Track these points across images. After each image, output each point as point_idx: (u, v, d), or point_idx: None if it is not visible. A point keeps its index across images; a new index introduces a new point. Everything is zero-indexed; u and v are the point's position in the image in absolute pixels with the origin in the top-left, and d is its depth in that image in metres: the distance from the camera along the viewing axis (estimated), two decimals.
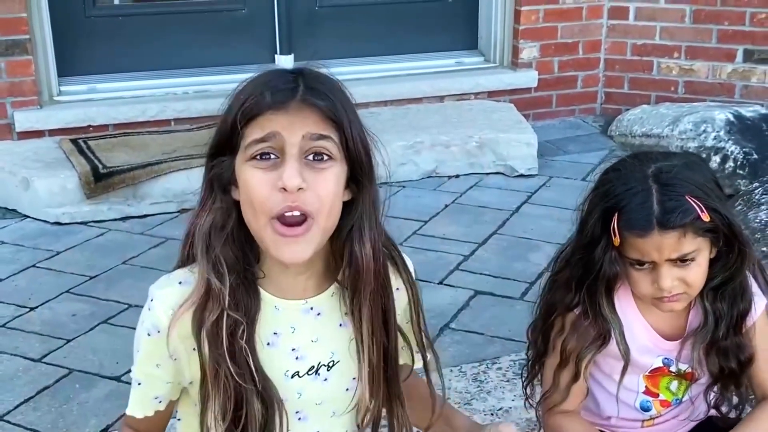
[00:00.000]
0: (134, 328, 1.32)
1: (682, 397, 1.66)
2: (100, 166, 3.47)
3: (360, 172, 1.28)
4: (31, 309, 2.78)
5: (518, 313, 2.69)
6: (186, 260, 1.32)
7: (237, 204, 1.28)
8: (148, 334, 1.28)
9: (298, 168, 1.20)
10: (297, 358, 1.33)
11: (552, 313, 1.61)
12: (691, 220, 1.44)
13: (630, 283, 1.54)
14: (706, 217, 1.45)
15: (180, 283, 1.29)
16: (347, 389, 1.38)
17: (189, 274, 1.29)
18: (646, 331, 1.59)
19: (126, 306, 2.76)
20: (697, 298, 1.58)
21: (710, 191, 1.49)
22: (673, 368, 1.61)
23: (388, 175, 1.41)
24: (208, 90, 4.01)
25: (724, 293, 1.55)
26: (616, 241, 1.48)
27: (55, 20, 3.86)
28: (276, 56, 4.27)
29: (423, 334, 1.44)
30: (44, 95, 3.88)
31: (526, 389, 1.75)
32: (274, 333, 1.32)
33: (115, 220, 3.42)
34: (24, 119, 3.76)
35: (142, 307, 1.29)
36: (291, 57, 4.24)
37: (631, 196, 1.47)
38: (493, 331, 2.62)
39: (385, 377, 1.37)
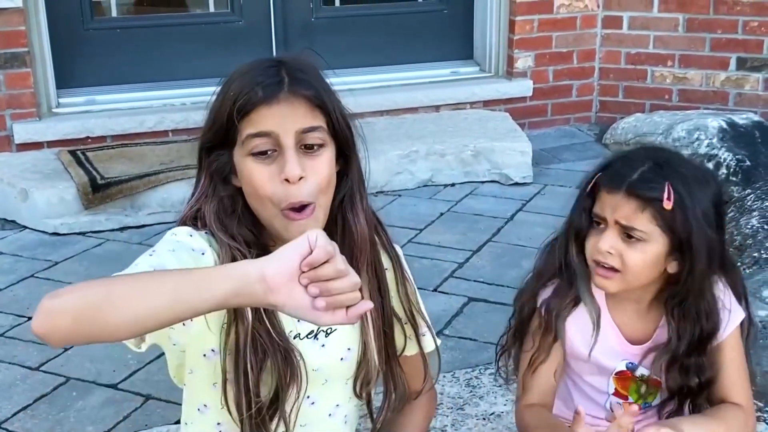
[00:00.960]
0: None
1: (652, 401, 1.67)
2: (98, 177, 3.50)
3: (347, 147, 1.37)
4: (30, 318, 2.79)
5: None
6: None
7: (239, 190, 1.36)
8: (193, 249, 1.31)
9: (297, 159, 1.29)
10: (298, 320, 1.37)
11: (540, 280, 1.65)
12: (654, 197, 1.47)
13: (589, 244, 1.56)
14: (667, 205, 1.46)
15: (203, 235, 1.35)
16: (342, 358, 1.43)
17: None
18: (613, 332, 1.62)
19: None
20: (665, 313, 1.59)
21: (699, 204, 1.48)
22: (636, 373, 1.64)
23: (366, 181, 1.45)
24: (206, 101, 4.02)
25: (688, 312, 1.55)
26: (589, 187, 1.54)
27: (53, 33, 3.90)
28: None
29: (414, 308, 1.49)
30: (43, 107, 3.91)
31: (498, 360, 1.77)
32: None
33: (113, 230, 3.45)
34: (23, 131, 3.79)
35: None
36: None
37: (623, 161, 1.54)
38: (486, 337, 2.64)
39: (385, 343, 1.44)
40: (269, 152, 1.30)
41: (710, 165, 3.80)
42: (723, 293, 1.59)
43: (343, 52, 4.36)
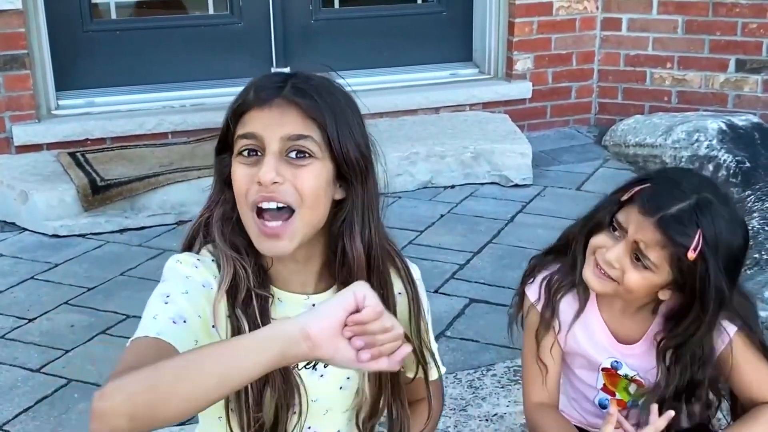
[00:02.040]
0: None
1: (640, 401, 1.65)
2: (98, 179, 3.50)
3: (347, 171, 1.32)
4: (30, 320, 2.80)
5: None
6: (189, 248, 1.37)
7: None
8: (203, 286, 1.29)
9: (274, 164, 1.26)
10: None
11: (550, 253, 1.67)
12: (679, 242, 1.44)
13: (597, 240, 1.56)
14: (691, 255, 1.44)
15: (210, 258, 1.33)
16: (341, 387, 1.41)
17: (200, 256, 1.34)
18: (601, 328, 1.63)
19: (124, 317, 2.78)
20: (659, 356, 1.58)
21: (722, 258, 1.45)
22: (621, 371, 1.64)
23: (386, 185, 1.43)
24: (205, 103, 4.05)
25: (682, 357, 1.54)
26: (626, 196, 1.51)
27: (53, 35, 3.89)
28: (272, 69, 4.30)
29: (423, 342, 1.46)
30: (42, 109, 3.91)
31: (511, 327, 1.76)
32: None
33: (112, 232, 3.44)
34: (22, 133, 3.79)
35: (139, 318, 1.27)
36: (287, 70, 4.27)
37: (667, 185, 1.49)
38: (488, 338, 2.64)
39: (389, 375, 1.40)
40: (253, 153, 1.28)
41: (710, 167, 3.81)
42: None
43: (343, 54, 4.35)
